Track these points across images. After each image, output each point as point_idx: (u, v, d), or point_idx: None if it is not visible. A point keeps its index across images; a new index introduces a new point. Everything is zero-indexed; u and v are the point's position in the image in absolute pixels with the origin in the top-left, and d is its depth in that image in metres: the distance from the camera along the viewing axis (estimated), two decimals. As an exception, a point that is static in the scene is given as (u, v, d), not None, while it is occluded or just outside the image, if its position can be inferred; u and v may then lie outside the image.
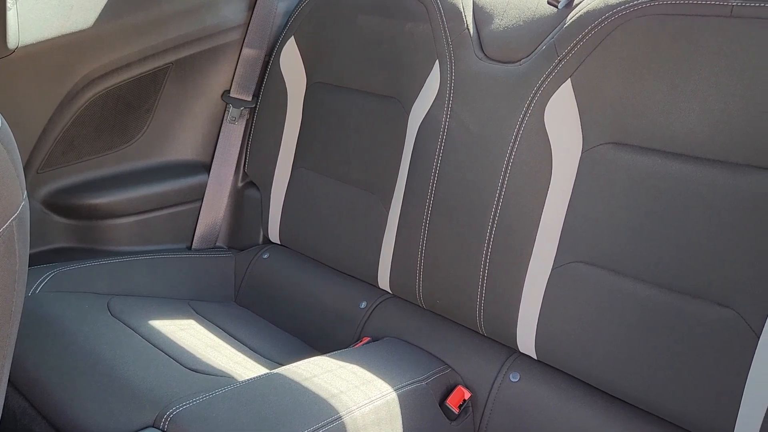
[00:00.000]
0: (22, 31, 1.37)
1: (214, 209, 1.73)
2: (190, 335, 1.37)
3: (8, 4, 1.32)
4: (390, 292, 1.46)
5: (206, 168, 1.73)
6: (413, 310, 1.42)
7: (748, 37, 0.99)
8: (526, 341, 1.23)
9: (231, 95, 1.69)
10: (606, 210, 1.12)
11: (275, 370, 1.17)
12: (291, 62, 1.63)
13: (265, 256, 1.67)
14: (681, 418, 1.06)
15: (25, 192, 0.66)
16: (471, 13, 1.35)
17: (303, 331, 1.54)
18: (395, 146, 1.41)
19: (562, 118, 1.17)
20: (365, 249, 1.46)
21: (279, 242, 1.69)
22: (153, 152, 1.68)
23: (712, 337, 1.01)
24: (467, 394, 1.25)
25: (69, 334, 1.26)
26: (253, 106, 1.70)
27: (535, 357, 1.24)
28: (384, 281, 1.44)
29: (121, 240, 1.66)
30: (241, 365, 1.29)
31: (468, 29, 1.33)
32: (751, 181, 0.98)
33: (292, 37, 1.62)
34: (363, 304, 1.47)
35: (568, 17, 1.20)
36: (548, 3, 1.25)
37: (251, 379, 1.13)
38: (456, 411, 1.22)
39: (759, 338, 0.98)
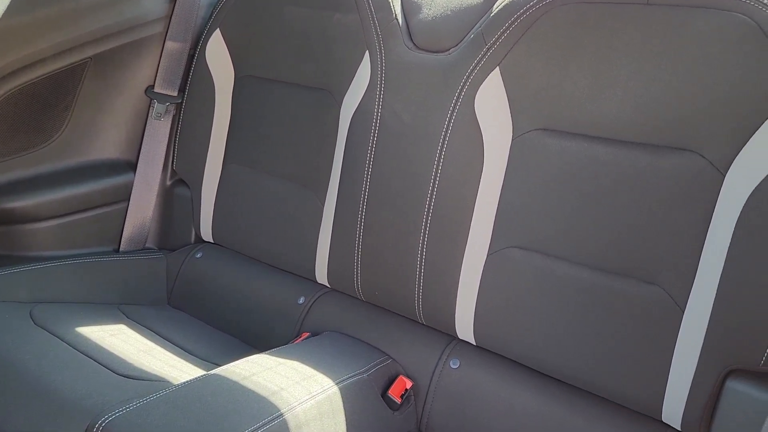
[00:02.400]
0: None
1: (142, 209, 1.67)
2: (121, 340, 1.32)
3: None
4: (328, 286, 1.45)
5: (132, 167, 1.67)
6: (352, 303, 1.41)
7: (664, 24, 1.03)
8: (465, 328, 1.24)
9: (155, 90, 1.64)
10: (537, 195, 1.14)
11: (212, 371, 1.14)
12: (217, 55, 1.59)
13: (198, 256, 1.63)
14: (615, 393, 1.09)
15: None
16: (399, 3, 1.35)
17: (240, 330, 1.51)
18: (328, 139, 1.40)
19: (492, 106, 1.19)
20: (301, 244, 1.44)
21: (212, 241, 1.65)
22: (74, 152, 1.60)
23: (641, 314, 1.05)
24: (409, 384, 1.25)
25: (-12, 346, 1.19)
26: (180, 101, 1.65)
27: (474, 343, 1.26)
28: (322, 275, 1.43)
29: (43, 245, 1.58)
30: (176, 368, 1.25)
31: (397, 19, 1.33)
32: (672, 162, 1.02)
33: (218, 29, 1.58)
34: (301, 300, 1.45)
35: (495, 6, 1.21)
36: (475, -8, 1.26)
37: (187, 381, 1.10)
38: (398, 401, 1.22)
39: (684, 313, 1.02)
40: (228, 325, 1.53)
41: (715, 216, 0.99)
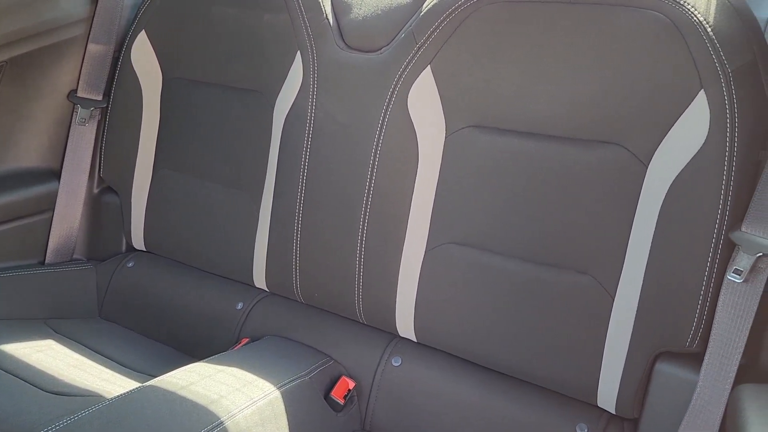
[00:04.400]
0: None
1: (68, 219, 1.60)
2: (49, 356, 1.26)
3: None
4: (267, 290, 1.43)
5: (56, 174, 1.60)
6: (292, 306, 1.40)
7: (588, 23, 1.06)
8: (406, 325, 1.25)
9: (78, 95, 1.57)
10: (472, 191, 1.16)
11: (148, 383, 1.10)
12: (143, 58, 1.54)
13: (130, 265, 1.58)
14: (552, 381, 1.12)
15: None
16: (329, 3, 1.34)
17: (177, 339, 1.47)
18: (262, 141, 1.38)
19: (425, 105, 1.20)
20: (238, 248, 1.42)
21: (144, 249, 1.60)
22: (-9, 161, 1.52)
23: (574, 304, 1.08)
24: (351, 384, 1.25)
25: None
26: (105, 105, 1.59)
27: (415, 340, 1.26)
28: (260, 280, 1.41)
29: (-40, 260, 1.49)
30: (110, 382, 1.21)
31: (327, 19, 1.32)
32: (598, 155, 1.06)
33: (143, 31, 1.53)
34: (240, 305, 1.43)
35: (424, 5, 1.22)
36: (404, -8, 1.27)
37: (121, 395, 1.06)
38: (341, 402, 1.22)
39: (614, 300, 1.06)
40: (164, 335, 1.49)
41: (639, 206, 1.03)
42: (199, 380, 1.11)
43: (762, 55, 1.00)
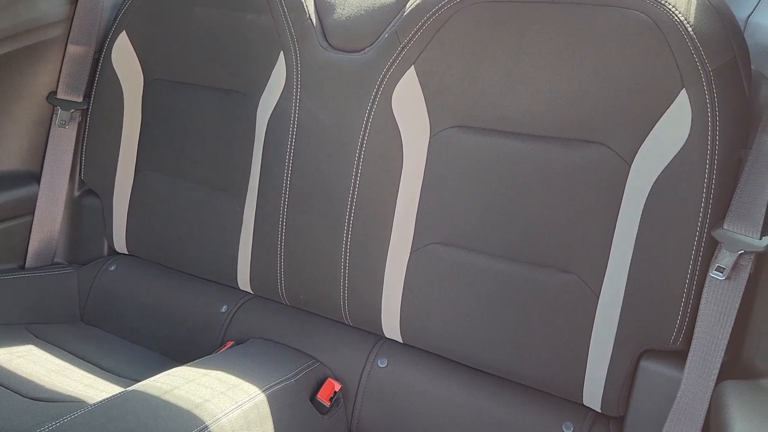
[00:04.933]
0: None
1: (49, 222, 1.58)
2: (30, 362, 1.25)
3: None
4: (251, 292, 1.42)
5: (36, 177, 1.57)
6: (277, 309, 1.39)
7: (569, 22, 1.07)
8: (391, 326, 1.25)
9: (58, 97, 1.56)
10: (456, 191, 1.16)
11: (131, 388, 1.09)
12: (124, 59, 1.52)
13: (112, 268, 1.56)
14: (538, 381, 1.13)
15: None
16: (312, 3, 1.34)
17: (161, 343, 1.45)
18: (245, 142, 1.37)
19: (409, 105, 1.20)
20: (221, 251, 1.41)
21: (126, 252, 1.58)
22: (-31, 164, 1.50)
23: (558, 302, 1.09)
24: (337, 386, 1.24)
25: None
26: (85, 107, 1.57)
27: (401, 341, 1.26)
28: (244, 282, 1.40)
29: (-63, 265, 1.47)
30: (92, 388, 1.19)
31: (311, 19, 1.32)
32: (581, 154, 1.06)
33: (124, 31, 1.52)
34: (224, 308, 1.42)
35: (408, 5, 1.22)
36: (387, -8, 1.27)
37: (104, 400, 1.05)
38: (327, 404, 1.21)
39: (599, 299, 1.06)
40: (147, 340, 1.47)
41: (623, 204, 1.04)
42: (183, 384, 1.10)
43: (742, 54, 1.01)
